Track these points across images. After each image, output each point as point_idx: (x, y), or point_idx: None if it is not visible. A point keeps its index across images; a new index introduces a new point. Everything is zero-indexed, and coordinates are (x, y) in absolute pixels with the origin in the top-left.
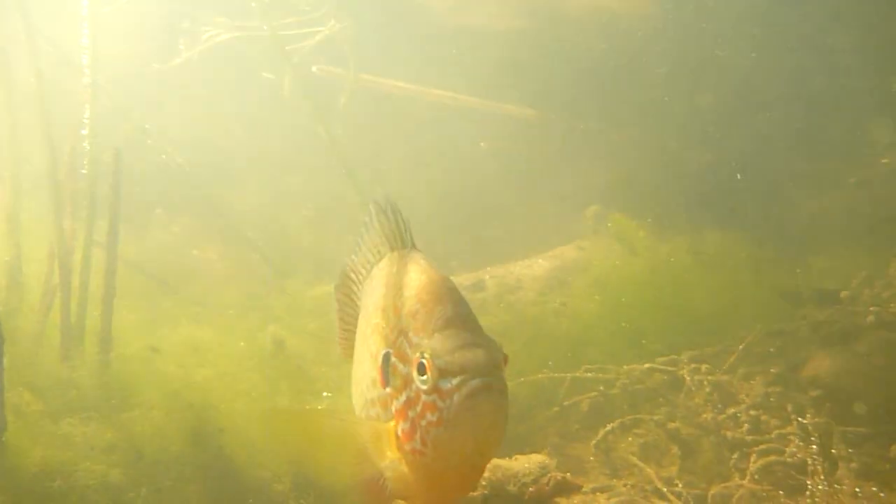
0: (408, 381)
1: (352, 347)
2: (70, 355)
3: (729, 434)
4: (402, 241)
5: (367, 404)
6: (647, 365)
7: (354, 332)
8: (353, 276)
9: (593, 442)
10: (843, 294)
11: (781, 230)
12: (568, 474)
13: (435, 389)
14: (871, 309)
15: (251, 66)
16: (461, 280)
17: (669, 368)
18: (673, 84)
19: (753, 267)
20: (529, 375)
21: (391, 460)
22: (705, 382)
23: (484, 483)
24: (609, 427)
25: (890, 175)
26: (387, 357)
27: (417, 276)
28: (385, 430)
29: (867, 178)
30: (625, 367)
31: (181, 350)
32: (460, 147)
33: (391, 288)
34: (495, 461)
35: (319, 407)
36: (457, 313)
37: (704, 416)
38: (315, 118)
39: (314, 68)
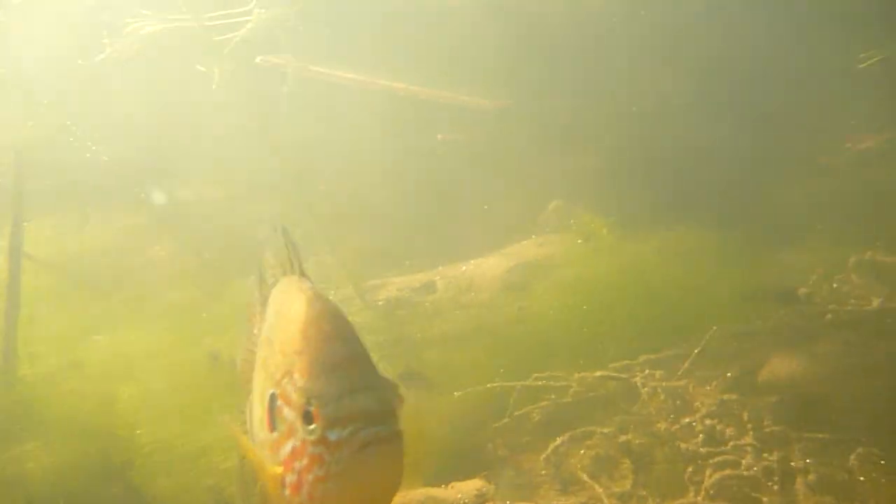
0: (293, 429)
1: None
2: None
3: (683, 445)
4: (291, 265)
5: (259, 446)
6: (599, 372)
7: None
8: (257, 297)
9: (543, 455)
10: (801, 291)
11: (749, 223)
12: (507, 503)
13: (322, 441)
14: (830, 307)
15: (187, 59)
16: (409, 281)
17: (623, 375)
18: (641, 73)
19: (719, 263)
20: (480, 385)
21: None
22: (659, 389)
23: None
24: (559, 440)
25: (856, 161)
26: (273, 398)
27: (304, 308)
28: (274, 478)
29: (834, 165)
30: (577, 374)
31: (106, 365)
32: (417, 139)
33: (278, 319)
34: (427, 491)
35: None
36: (347, 352)
37: (658, 425)
38: (250, 111)
39: (258, 59)
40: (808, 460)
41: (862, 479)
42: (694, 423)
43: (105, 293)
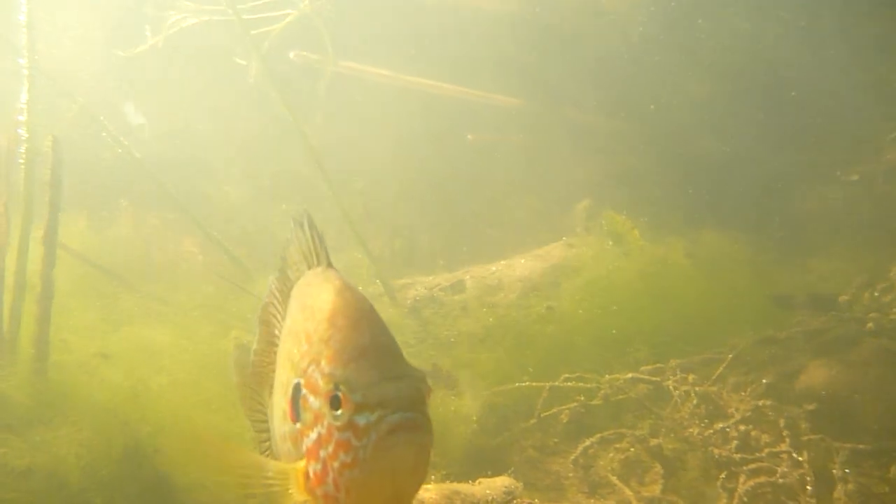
0: (319, 417)
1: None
2: None
3: (716, 451)
4: (317, 257)
5: (280, 440)
6: (630, 374)
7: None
8: (277, 294)
9: (572, 457)
10: (842, 299)
11: (781, 229)
12: (535, 501)
13: (350, 426)
14: (871, 315)
15: (225, 53)
16: (439, 280)
17: (654, 378)
18: (670, 76)
19: (750, 269)
20: (507, 384)
21: None
22: (692, 394)
23: None
24: (589, 441)
25: (891, 171)
26: (297, 388)
27: (332, 297)
28: (293, 472)
29: (869, 175)
30: (607, 376)
31: (135, 355)
32: (448, 139)
33: (304, 310)
34: (454, 486)
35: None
36: (376, 340)
37: (690, 430)
38: (286, 107)
39: (291, 54)
40: (846, 470)
41: None
42: (728, 429)
43: (135, 286)
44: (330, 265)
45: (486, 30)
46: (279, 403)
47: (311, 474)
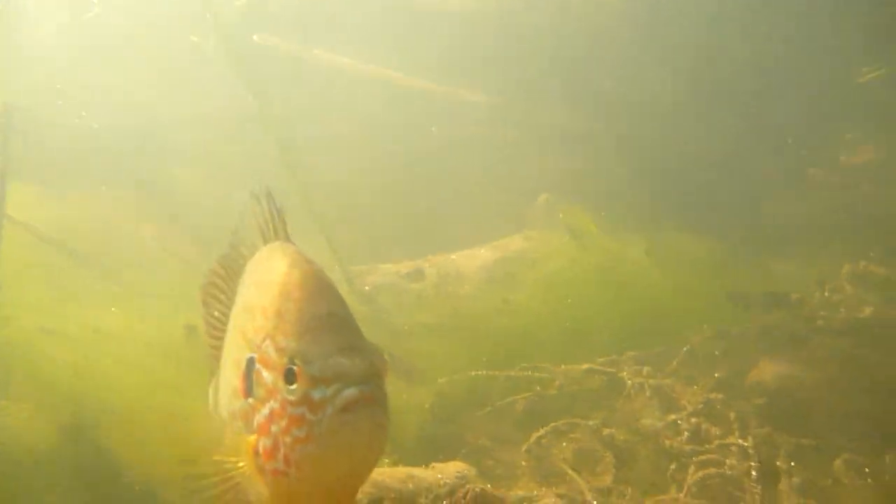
0: (272, 391)
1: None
2: None
3: (668, 442)
4: (274, 231)
5: (230, 417)
6: (586, 365)
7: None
8: (222, 273)
9: (525, 447)
10: (794, 297)
11: (742, 230)
12: (489, 486)
13: (305, 400)
14: (820, 314)
15: (184, 29)
16: (399, 268)
17: (609, 370)
18: (636, 74)
19: (708, 268)
20: (462, 373)
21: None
22: (646, 386)
23: (393, 496)
24: (542, 431)
25: (851, 174)
26: (251, 363)
27: (288, 269)
28: (243, 444)
29: (830, 177)
30: (563, 367)
31: (83, 334)
32: (412, 129)
33: (258, 286)
34: (407, 470)
35: None
36: (332, 312)
37: (643, 421)
38: (246, 87)
39: (255, 36)
40: (792, 463)
41: (846, 483)
42: (679, 421)
43: (86, 263)
44: (287, 239)
45: (454, 24)
46: (229, 380)
47: (261, 450)
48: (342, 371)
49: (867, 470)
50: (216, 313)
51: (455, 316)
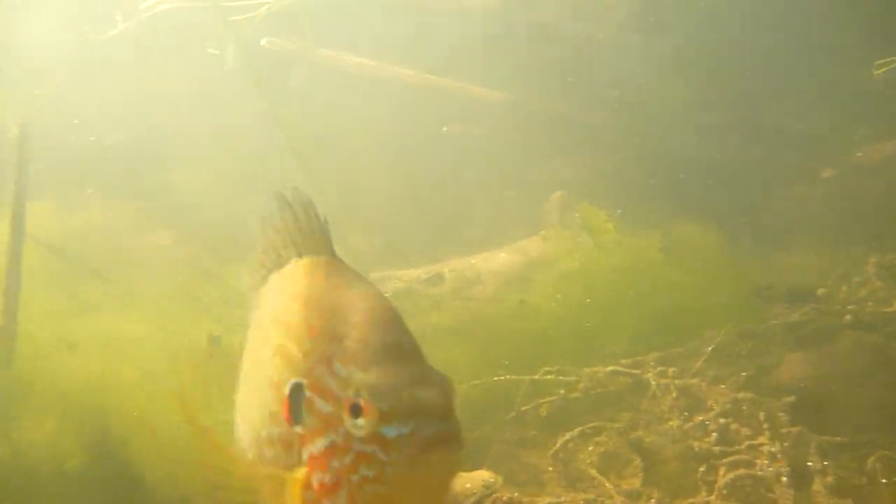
0: (331, 423)
1: None
2: None
3: (696, 444)
4: (315, 245)
5: (261, 442)
6: (610, 368)
7: None
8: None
9: (551, 451)
10: (819, 292)
11: (757, 224)
12: (516, 494)
13: (375, 438)
14: (848, 308)
15: (199, 39)
16: (419, 273)
17: (634, 371)
18: (649, 72)
19: (726, 263)
20: (485, 378)
21: None
22: (672, 387)
23: None
24: (568, 435)
25: (865, 168)
26: (297, 389)
27: (344, 291)
28: (290, 481)
29: (843, 172)
30: (586, 369)
31: (101, 345)
32: (425, 131)
33: (303, 302)
34: None
35: None
36: (399, 341)
37: (670, 423)
38: (261, 95)
39: (263, 42)
40: (825, 462)
41: (884, 481)
42: (707, 422)
43: (104, 275)
44: (333, 254)
45: (465, 22)
46: (262, 402)
47: (317, 484)
48: (418, 407)
49: None
50: None
51: (474, 321)
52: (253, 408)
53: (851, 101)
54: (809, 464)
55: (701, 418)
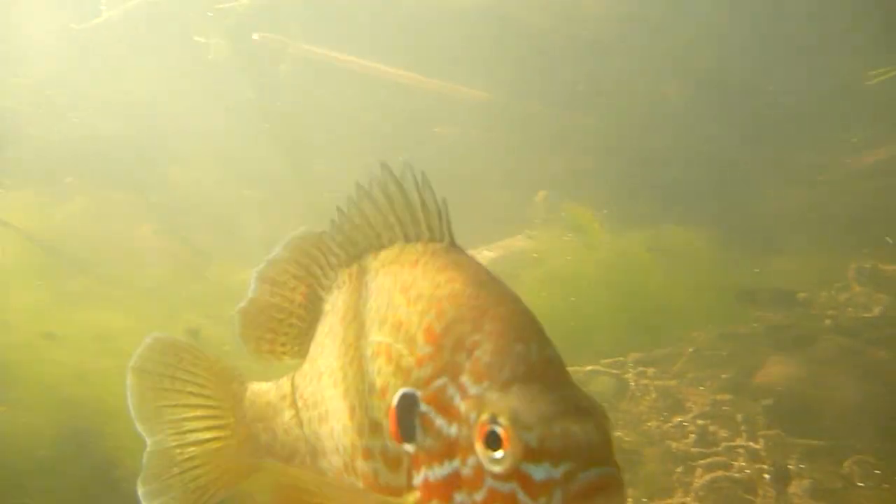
0: (457, 449)
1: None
2: None
3: (674, 445)
4: (430, 228)
5: (354, 452)
6: (589, 367)
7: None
8: (319, 258)
9: None
10: (801, 296)
11: (744, 226)
12: None
13: (516, 475)
14: (829, 313)
15: (184, 29)
16: None
17: (614, 371)
18: (637, 73)
19: (711, 265)
20: None
21: None
22: (651, 387)
23: None
24: None
25: (856, 173)
26: (411, 401)
27: (472, 289)
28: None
29: (834, 176)
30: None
31: (81, 338)
32: (413, 130)
33: (416, 297)
34: None
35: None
36: (545, 356)
37: (649, 424)
38: (250, 87)
39: (255, 35)
40: (802, 465)
41: (861, 485)
42: (686, 423)
43: (84, 267)
44: (454, 242)
45: (455, 23)
46: (359, 406)
47: None
48: (573, 445)
49: (878, 471)
50: (287, 301)
51: None
52: (343, 411)
53: (847, 106)
54: (787, 466)
55: (679, 419)
